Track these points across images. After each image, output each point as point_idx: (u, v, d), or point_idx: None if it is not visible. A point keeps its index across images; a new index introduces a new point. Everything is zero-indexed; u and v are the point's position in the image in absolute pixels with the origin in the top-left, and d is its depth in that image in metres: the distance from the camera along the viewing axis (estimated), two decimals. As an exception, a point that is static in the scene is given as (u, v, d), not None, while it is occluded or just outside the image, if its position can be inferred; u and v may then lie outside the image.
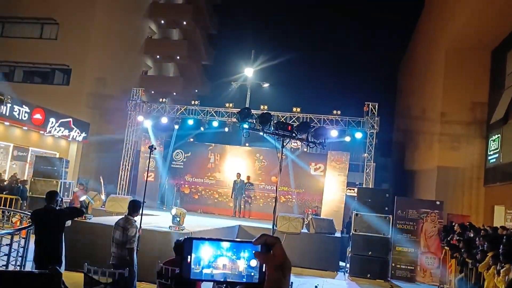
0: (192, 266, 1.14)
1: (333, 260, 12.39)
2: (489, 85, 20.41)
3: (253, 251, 1.13)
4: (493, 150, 19.50)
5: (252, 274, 1.14)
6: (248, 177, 17.50)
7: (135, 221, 6.48)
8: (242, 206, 16.88)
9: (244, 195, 16.85)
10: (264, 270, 1.12)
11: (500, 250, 8.35)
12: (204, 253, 1.15)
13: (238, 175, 16.95)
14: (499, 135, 18.86)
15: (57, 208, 6.20)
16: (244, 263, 1.17)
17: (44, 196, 6.28)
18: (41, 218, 6.08)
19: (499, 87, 19.50)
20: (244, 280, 1.15)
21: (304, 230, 13.04)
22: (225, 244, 1.17)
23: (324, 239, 12.62)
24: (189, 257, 1.12)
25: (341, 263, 12.59)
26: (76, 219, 8.38)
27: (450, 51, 20.90)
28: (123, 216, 6.55)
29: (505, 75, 19.20)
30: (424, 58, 26.33)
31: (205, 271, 1.15)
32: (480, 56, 20.32)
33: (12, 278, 3.18)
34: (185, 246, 1.12)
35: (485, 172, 20.00)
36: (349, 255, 11.97)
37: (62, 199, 8.75)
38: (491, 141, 19.71)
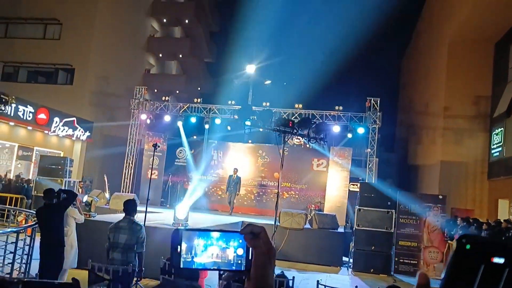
0: (184, 256, 1.19)
1: (336, 255, 12.43)
2: (492, 78, 20.34)
3: (244, 236, 1.19)
4: (496, 143, 19.46)
5: (239, 262, 1.20)
6: (235, 170, 16.57)
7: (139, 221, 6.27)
8: (234, 202, 16.27)
9: (238, 192, 16.23)
10: (250, 258, 1.18)
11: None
12: (195, 243, 1.21)
13: (235, 170, 16.37)
14: (503, 128, 18.81)
15: (55, 201, 6.35)
16: (233, 252, 1.22)
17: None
18: (42, 214, 6.28)
19: (502, 80, 19.43)
20: (234, 268, 1.21)
21: (307, 226, 13.08)
22: (215, 234, 1.23)
23: (327, 234, 12.66)
24: (178, 247, 1.18)
25: (345, 258, 12.64)
26: (79, 221, 8.48)
27: (453, 44, 20.84)
28: (124, 218, 6.02)
29: (508, 68, 19.12)
30: (427, 52, 26.24)
31: (196, 260, 1.21)
32: (483, 49, 20.25)
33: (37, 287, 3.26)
34: (174, 237, 1.18)
35: (488, 166, 19.98)
36: (352, 250, 12.01)
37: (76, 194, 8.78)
38: (494, 135, 19.67)
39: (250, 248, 1.18)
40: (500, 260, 0.68)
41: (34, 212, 8.21)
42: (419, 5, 28.98)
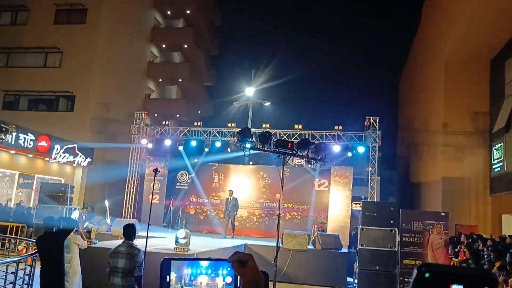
0: (174, 286, 1.21)
1: (341, 276, 12.30)
2: (490, 94, 20.47)
3: (231, 264, 1.21)
4: (497, 159, 19.45)
5: None
6: (231, 192, 16.22)
7: (138, 246, 6.24)
8: (234, 223, 15.96)
9: (236, 213, 15.92)
10: (238, 286, 1.20)
11: (507, 259, 8.30)
12: (184, 272, 1.23)
13: (231, 192, 16.02)
14: (502, 143, 18.83)
15: (55, 229, 6.35)
16: (222, 280, 1.24)
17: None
18: (42, 242, 6.25)
19: (499, 96, 19.55)
20: None
21: (311, 247, 12.99)
22: (204, 263, 1.25)
23: (330, 255, 12.55)
24: (167, 276, 1.19)
25: (349, 279, 12.50)
26: (82, 246, 8.46)
27: (449, 62, 21.05)
28: (122, 243, 6.07)
29: (505, 84, 19.27)
30: (423, 71, 26.48)
31: None
32: (479, 66, 20.44)
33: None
34: (163, 267, 1.20)
35: (490, 181, 19.90)
36: (357, 270, 11.88)
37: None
38: (495, 150, 19.67)
39: (238, 276, 1.19)
40: None
41: (34, 240, 8.19)
42: (415, 26, 29.41)
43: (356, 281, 11.90)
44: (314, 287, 11.70)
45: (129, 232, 6.10)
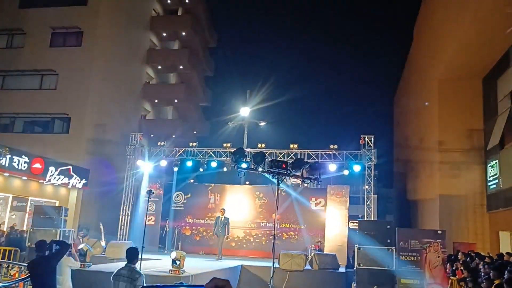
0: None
1: (339, 296, 12.15)
2: (483, 112, 20.63)
3: None
4: (492, 176, 19.48)
5: None
6: (223, 211, 15.66)
7: (139, 269, 6.33)
8: (221, 246, 15.16)
9: (227, 234, 15.28)
10: None
11: (505, 277, 8.22)
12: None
13: (222, 211, 15.49)
14: (497, 160, 18.90)
15: (47, 253, 6.27)
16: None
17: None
18: (34, 267, 6.16)
19: (493, 114, 19.71)
20: None
21: (308, 267, 12.86)
22: None
23: (328, 275, 12.43)
24: None
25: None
26: (74, 267, 8.34)
27: (442, 81, 21.26)
28: (125, 266, 6.16)
29: (497, 102, 19.45)
30: (417, 89, 26.73)
31: None
32: (472, 85, 20.65)
33: None
34: None
35: (487, 198, 19.89)
36: (355, 291, 11.75)
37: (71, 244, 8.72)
38: (490, 167, 19.72)
39: None
40: None
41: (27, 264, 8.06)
42: (407, 45, 29.83)
43: (354, 301, 11.75)
44: (311, 308, 11.52)
45: (131, 255, 6.18)
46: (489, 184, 19.73)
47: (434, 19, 22.78)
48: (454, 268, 11.37)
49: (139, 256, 6.73)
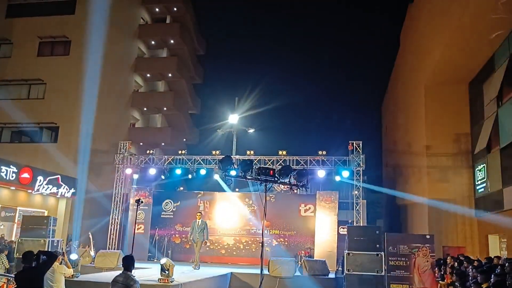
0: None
1: (329, 302, 12.17)
2: (470, 116, 20.87)
3: None
4: (480, 179, 19.69)
5: None
6: (199, 215, 14.50)
7: (136, 277, 6.29)
8: (199, 252, 14.03)
9: (205, 240, 13.89)
10: None
11: (492, 280, 8.31)
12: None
13: (199, 215, 14.36)
14: (484, 164, 19.12)
15: (34, 264, 6.23)
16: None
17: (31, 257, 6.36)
18: (21, 278, 6.11)
19: (479, 118, 19.96)
20: None
21: (298, 273, 12.88)
22: None
23: (318, 281, 12.46)
24: None
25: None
26: (68, 274, 8.35)
27: (429, 86, 21.49)
28: (122, 273, 6.20)
29: (484, 106, 19.71)
30: (405, 95, 26.99)
31: None
32: (458, 89, 20.90)
33: None
34: None
35: (475, 202, 20.09)
36: (345, 296, 11.78)
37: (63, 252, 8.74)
38: (477, 171, 19.94)
39: None
40: None
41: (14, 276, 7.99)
42: (394, 51, 30.17)
43: (344, 307, 11.78)
44: (302, 315, 11.53)
45: (128, 262, 6.25)
46: (477, 187, 19.93)
47: (420, 25, 23.07)
48: (442, 273, 11.46)
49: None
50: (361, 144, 16.21)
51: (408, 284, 11.76)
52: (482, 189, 19.37)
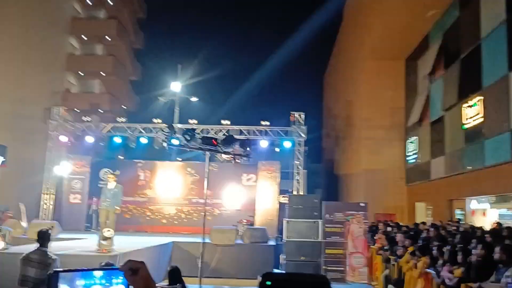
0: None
1: (268, 268, 12.48)
2: (405, 91, 21.90)
3: (123, 272, 1.18)
4: (411, 151, 20.88)
5: None
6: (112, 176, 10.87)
7: (52, 253, 5.68)
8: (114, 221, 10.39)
9: (117, 207, 10.43)
10: None
11: (419, 243, 8.96)
12: (77, 283, 1.18)
13: (113, 176, 10.81)
14: (416, 137, 20.26)
15: None
16: (116, 289, 1.20)
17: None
18: None
19: (413, 92, 20.99)
20: None
21: (239, 241, 13.12)
22: (98, 273, 1.21)
23: (258, 248, 12.77)
24: None
25: (276, 270, 12.78)
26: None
27: (368, 61, 22.19)
28: (36, 249, 5.55)
29: (418, 81, 20.71)
30: (346, 68, 27.66)
31: None
32: (396, 65, 21.78)
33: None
34: (51, 281, 1.15)
35: (406, 172, 21.35)
36: (283, 262, 12.19)
37: None
38: (409, 143, 21.11)
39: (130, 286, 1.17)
40: None
41: None
42: (337, 25, 30.54)
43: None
44: (241, 280, 11.82)
45: (43, 238, 5.64)
46: (408, 159, 21.15)
47: (362, 1, 23.51)
48: (375, 238, 12.16)
49: (64, 236, 6.44)
50: (303, 115, 16.47)
51: (342, 249, 12.40)
52: (413, 160, 20.60)
